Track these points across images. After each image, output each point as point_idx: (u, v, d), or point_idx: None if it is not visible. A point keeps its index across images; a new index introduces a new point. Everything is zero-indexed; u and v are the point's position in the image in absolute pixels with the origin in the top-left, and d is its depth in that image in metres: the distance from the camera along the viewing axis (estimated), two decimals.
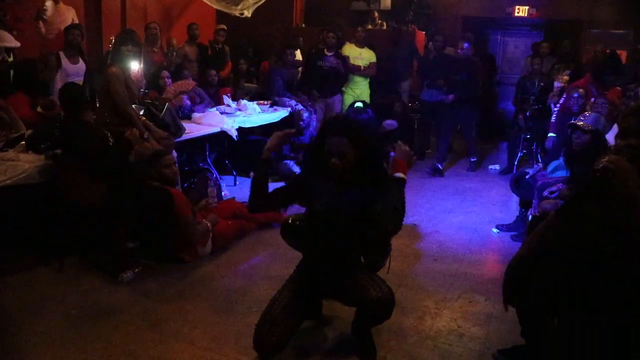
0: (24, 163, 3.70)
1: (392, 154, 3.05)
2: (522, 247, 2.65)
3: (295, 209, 3.31)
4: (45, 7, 6.01)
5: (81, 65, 5.53)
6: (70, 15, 6.29)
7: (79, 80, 5.36)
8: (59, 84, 5.08)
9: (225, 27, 7.80)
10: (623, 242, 2.00)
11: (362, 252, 2.75)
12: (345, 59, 7.34)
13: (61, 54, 5.41)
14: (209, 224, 4.01)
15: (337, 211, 2.62)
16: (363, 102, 7.26)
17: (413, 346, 2.93)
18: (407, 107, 8.27)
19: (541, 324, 2.54)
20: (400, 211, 2.58)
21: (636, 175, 1.94)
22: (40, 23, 5.99)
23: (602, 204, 2.10)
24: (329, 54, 7.26)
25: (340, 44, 7.71)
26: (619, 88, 5.78)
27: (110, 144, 3.85)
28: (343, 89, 7.50)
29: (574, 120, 3.99)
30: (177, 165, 4.29)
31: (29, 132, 4.12)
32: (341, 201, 2.61)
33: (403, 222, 2.61)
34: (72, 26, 5.67)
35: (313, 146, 2.69)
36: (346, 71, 7.33)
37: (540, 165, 4.86)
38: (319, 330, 3.03)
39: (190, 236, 3.83)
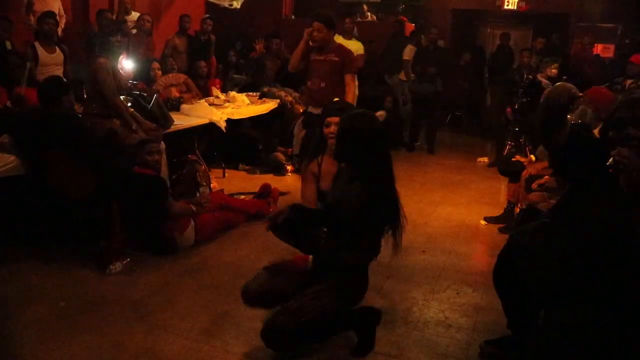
0: (10, 155, 3.66)
1: None
2: (511, 239, 2.68)
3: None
4: (32, 1, 5.92)
5: (58, 54, 5.38)
6: (56, 6, 6.19)
7: (58, 69, 5.28)
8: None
9: (209, 16, 7.74)
10: (620, 239, 2.00)
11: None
12: None
13: (36, 44, 5.26)
14: (193, 207, 4.01)
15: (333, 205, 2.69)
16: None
17: (401, 337, 2.96)
18: (398, 102, 8.30)
19: (527, 316, 2.57)
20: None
21: None
22: (30, 16, 5.89)
23: (603, 200, 2.10)
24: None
25: None
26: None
27: (93, 133, 3.84)
28: None
29: None
30: (162, 155, 4.25)
31: None
32: (339, 196, 2.67)
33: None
34: (46, 15, 5.42)
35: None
36: None
37: None
38: None
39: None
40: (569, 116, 3.83)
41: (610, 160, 1.95)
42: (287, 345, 2.68)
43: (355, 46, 7.55)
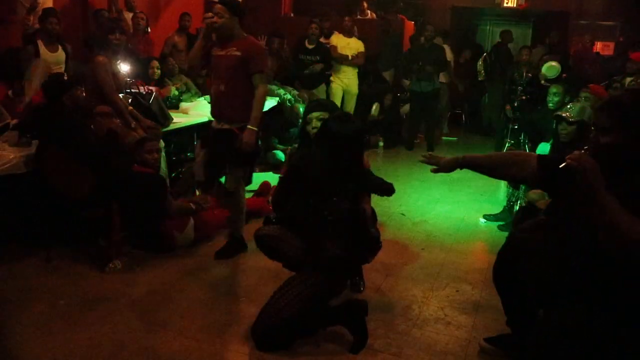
0: (9, 153, 3.66)
1: None
2: (510, 237, 2.68)
3: None
4: (38, 1, 5.90)
5: (60, 53, 5.34)
6: (49, 3, 6.18)
7: (59, 68, 5.27)
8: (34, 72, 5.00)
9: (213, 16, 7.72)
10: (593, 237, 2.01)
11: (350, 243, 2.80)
12: (327, 51, 7.30)
13: (39, 42, 5.22)
14: (192, 206, 4.00)
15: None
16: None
17: (400, 334, 2.96)
18: (397, 99, 8.30)
19: (527, 314, 2.58)
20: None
21: (597, 171, 1.90)
22: (31, 16, 5.87)
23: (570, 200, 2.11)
24: (310, 47, 7.21)
25: (329, 34, 7.69)
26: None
27: (91, 131, 3.84)
28: (331, 78, 7.48)
29: (560, 111, 4.01)
30: (161, 153, 4.26)
31: (14, 121, 4.08)
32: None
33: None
34: (48, 13, 5.34)
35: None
36: (327, 65, 7.27)
37: None
38: None
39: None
40: (567, 114, 3.87)
41: (564, 164, 1.96)
42: (275, 341, 2.73)
43: (356, 44, 7.55)
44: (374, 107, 7.77)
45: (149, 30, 7.04)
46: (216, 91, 3.72)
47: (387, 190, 3.09)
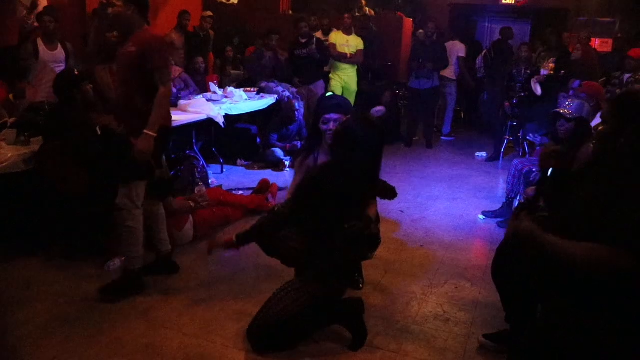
0: (7, 152, 3.65)
1: None
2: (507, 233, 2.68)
3: None
4: (38, 2, 5.89)
5: (60, 51, 5.36)
6: (44, 2, 6.18)
7: (58, 67, 5.28)
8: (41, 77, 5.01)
9: (212, 14, 7.73)
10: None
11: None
12: (322, 45, 7.29)
13: (39, 41, 5.25)
14: (192, 204, 3.99)
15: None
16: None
17: (400, 331, 2.96)
18: (396, 96, 8.30)
19: (526, 310, 2.58)
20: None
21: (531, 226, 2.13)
22: (32, 15, 5.87)
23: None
24: (303, 41, 7.21)
25: (328, 31, 7.68)
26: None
27: (97, 131, 3.83)
28: (330, 75, 7.47)
29: (558, 108, 4.02)
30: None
31: (12, 120, 4.07)
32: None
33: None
34: (44, 13, 5.39)
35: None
36: (323, 58, 7.26)
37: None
38: None
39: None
40: (565, 110, 3.87)
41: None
42: (271, 343, 2.72)
43: (355, 41, 7.54)
44: (378, 109, 7.74)
45: None
46: (117, 95, 3.26)
47: (390, 192, 3.07)
